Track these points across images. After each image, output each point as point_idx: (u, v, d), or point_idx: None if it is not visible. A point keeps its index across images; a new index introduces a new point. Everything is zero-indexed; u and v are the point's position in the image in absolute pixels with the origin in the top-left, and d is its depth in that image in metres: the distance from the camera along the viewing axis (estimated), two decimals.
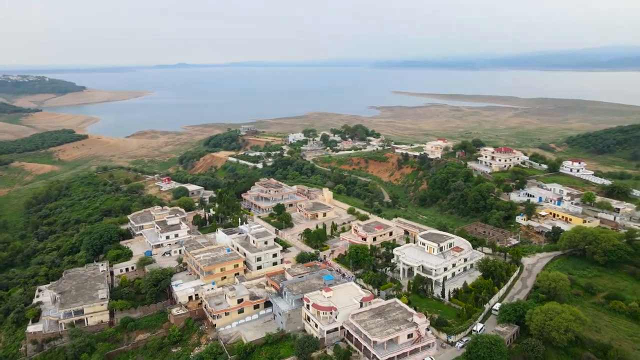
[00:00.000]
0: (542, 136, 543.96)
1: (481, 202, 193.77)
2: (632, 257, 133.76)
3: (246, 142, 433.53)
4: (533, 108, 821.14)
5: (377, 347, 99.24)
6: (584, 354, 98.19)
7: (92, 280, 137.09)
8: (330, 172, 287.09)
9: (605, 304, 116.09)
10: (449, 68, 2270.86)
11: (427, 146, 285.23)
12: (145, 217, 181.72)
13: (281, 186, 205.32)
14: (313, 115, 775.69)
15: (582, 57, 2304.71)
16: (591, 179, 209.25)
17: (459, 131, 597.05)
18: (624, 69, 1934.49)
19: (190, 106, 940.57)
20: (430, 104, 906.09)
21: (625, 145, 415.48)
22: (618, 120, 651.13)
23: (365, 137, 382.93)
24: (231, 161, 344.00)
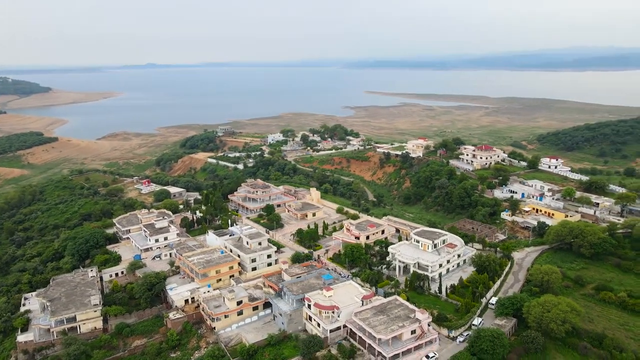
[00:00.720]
0: (513, 134, 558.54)
1: (466, 199, 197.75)
2: (616, 250, 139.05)
3: (224, 143, 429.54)
4: (502, 107, 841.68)
5: (382, 344, 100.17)
6: (580, 344, 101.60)
7: (82, 286, 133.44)
8: (313, 172, 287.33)
9: (595, 295, 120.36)
10: (420, 68, 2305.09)
11: (409, 145, 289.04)
12: (132, 220, 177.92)
13: (268, 187, 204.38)
14: (288, 116, 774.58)
15: (547, 58, 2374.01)
16: (569, 175, 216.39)
17: (433, 130, 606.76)
18: (587, 69, 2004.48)
19: (162, 107, 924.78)
20: (404, 104, 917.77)
21: (592, 142, 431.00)
22: (583, 118, 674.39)
23: (345, 136, 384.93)
24: (211, 162, 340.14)
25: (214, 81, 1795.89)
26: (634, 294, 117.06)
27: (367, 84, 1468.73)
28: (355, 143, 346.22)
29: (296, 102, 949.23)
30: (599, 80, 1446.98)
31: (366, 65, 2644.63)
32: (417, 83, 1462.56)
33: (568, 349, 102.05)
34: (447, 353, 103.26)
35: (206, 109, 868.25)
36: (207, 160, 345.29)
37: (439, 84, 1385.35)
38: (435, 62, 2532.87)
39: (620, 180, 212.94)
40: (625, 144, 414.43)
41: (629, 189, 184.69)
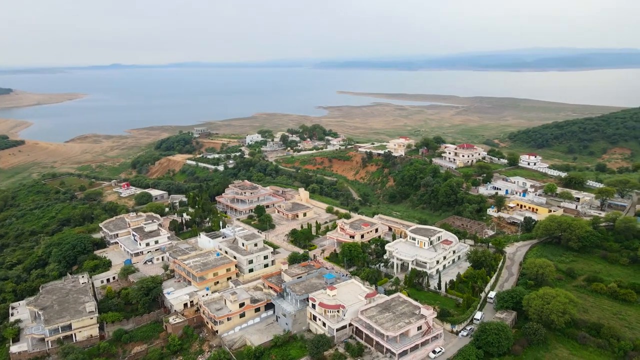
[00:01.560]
0: (484, 133, 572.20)
1: (452, 196, 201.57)
2: (602, 242, 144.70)
3: (200, 145, 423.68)
4: (472, 106, 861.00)
5: (390, 341, 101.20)
6: (579, 334, 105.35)
7: (74, 293, 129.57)
8: (295, 172, 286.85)
9: (586, 286, 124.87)
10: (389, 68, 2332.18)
11: (390, 144, 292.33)
12: (119, 224, 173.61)
13: (257, 188, 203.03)
14: (262, 116, 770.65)
15: (510, 58, 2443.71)
16: (548, 172, 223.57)
17: (408, 129, 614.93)
18: (547, 69, 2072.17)
19: (131, 108, 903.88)
20: (376, 103, 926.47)
21: (561, 140, 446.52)
22: (548, 116, 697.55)
23: (324, 136, 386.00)
24: (190, 164, 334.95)
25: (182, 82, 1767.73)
26: (623, 284, 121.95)
27: (338, 84, 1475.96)
28: (335, 143, 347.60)
29: (269, 103, 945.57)
30: (560, 80, 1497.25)
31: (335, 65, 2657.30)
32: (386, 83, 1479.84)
33: (568, 339, 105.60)
34: (453, 348, 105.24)
35: (176, 110, 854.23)
36: (186, 162, 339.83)
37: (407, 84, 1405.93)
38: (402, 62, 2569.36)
39: (596, 176, 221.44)
40: (591, 140, 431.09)
41: (606, 184, 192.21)
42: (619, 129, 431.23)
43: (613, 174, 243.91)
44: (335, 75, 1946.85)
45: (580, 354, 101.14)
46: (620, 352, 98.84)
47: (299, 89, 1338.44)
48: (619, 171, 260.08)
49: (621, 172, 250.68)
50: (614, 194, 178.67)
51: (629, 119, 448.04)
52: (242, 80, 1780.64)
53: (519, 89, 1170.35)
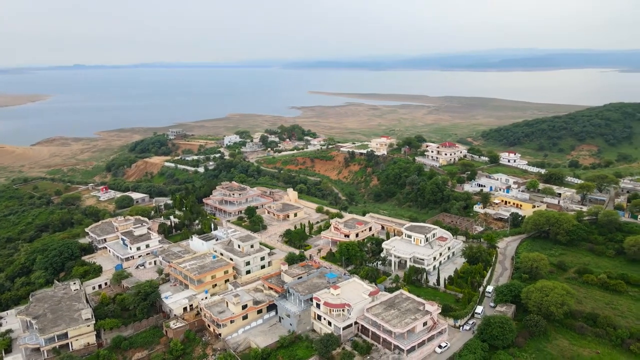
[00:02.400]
0: (457, 131, 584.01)
1: (438, 194, 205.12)
2: (588, 235, 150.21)
3: (177, 146, 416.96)
4: (443, 105, 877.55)
5: (398, 338, 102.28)
6: (577, 324, 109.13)
7: (67, 300, 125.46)
8: (278, 172, 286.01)
9: (577, 278, 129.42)
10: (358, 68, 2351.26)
11: (372, 143, 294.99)
12: (106, 229, 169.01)
13: (245, 189, 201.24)
14: (235, 117, 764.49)
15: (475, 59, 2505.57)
16: (528, 169, 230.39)
17: (382, 129, 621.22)
18: (511, 69, 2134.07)
19: (98, 110, 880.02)
20: (349, 103, 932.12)
21: (532, 138, 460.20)
22: (516, 115, 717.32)
23: (303, 137, 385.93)
24: (168, 166, 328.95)
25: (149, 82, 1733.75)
26: (612, 275, 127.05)
27: (309, 84, 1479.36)
28: (316, 143, 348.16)
29: (241, 104, 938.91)
30: (524, 80, 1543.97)
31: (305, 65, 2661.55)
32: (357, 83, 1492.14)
33: (566, 329, 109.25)
34: (458, 342, 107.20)
35: (146, 112, 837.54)
36: (164, 164, 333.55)
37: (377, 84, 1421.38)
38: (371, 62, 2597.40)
39: (572, 172, 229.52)
40: (560, 138, 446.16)
41: (584, 179, 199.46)
42: (585, 127, 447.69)
43: (587, 170, 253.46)
44: (305, 76, 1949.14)
45: (579, 343, 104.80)
46: (618, 340, 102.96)
47: (270, 89, 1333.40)
48: (592, 167, 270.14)
49: (594, 168, 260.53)
50: (594, 188, 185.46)
51: (594, 117, 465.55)
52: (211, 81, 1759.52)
53: (486, 88, 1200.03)
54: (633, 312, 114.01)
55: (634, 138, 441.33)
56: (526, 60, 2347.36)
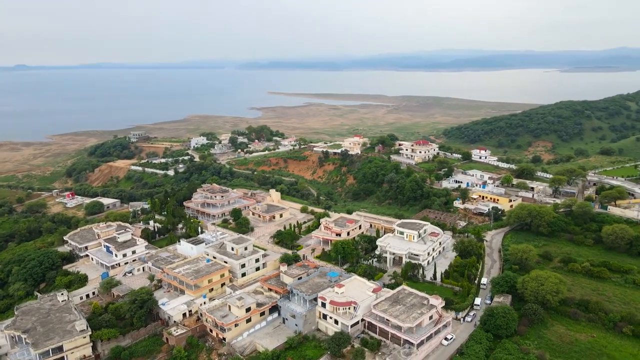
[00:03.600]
0: (419, 130, 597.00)
1: (418, 191, 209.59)
2: (566, 226, 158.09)
3: (140, 149, 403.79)
4: (401, 105, 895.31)
5: (407, 332, 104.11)
6: (571, 311, 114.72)
7: (56, 312, 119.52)
8: (252, 174, 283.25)
9: (563, 267, 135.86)
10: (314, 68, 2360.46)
11: (345, 143, 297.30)
12: (87, 236, 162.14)
13: (227, 191, 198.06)
14: (195, 118, 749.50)
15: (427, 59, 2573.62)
16: (499, 164, 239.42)
17: (346, 128, 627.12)
18: (461, 69, 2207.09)
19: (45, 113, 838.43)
20: (309, 103, 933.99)
21: (491, 135, 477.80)
22: (471, 113, 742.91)
23: (271, 137, 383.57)
24: (135, 170, 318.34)
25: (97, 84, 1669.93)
26: (595, 263, 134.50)
27: (267, 84, 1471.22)
28: (286, 143, 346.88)
29: (199, 105, 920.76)
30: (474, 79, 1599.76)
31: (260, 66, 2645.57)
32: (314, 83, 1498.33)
33: (561, 316, 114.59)
34: (462, 333, 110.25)
35: (100, 114, 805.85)
36: (131, 168, 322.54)
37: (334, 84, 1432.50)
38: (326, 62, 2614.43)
39: (541, 166, 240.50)
40: (517, 135, 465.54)
41: (554, 173, 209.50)
42: (540, 124, 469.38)
43: (550, 165, 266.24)
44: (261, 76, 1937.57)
45: (575, 328, 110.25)
46: (610, 323, 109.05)
47: (227, 90, 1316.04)
48: (554, 162, 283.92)
49: (557, 163, 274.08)
50: (565, 182, 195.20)
51: (547, 115, 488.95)
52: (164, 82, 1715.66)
53: (440, 88, 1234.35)
54: (618, 297, 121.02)
55: (584, 134, 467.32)
56: (474, 60, 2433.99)
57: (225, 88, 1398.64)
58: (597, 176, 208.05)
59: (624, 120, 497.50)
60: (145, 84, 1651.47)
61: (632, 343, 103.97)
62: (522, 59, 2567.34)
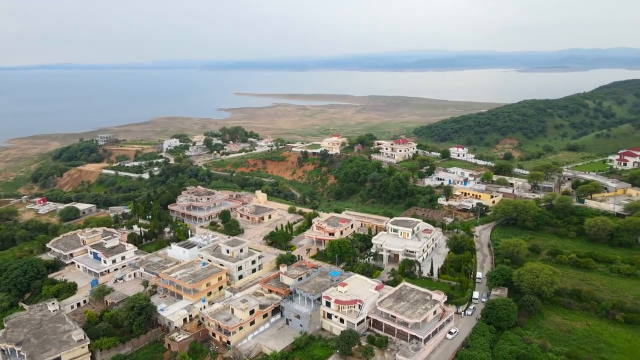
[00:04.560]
0: (389, 129, 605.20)
1: (402, 189, 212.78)
2: (550, 220, 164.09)
3: (109, 153, 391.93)
4: (369, 105, 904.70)
5: (414, 328, 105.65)
6: (565, 300, 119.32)
7: (49, 322, 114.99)
8: (230, 175, 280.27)
9: (551, 259, 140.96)
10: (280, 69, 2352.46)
11: (324, 143, 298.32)
12: (70, 243, 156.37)
13: (213, 193, 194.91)
14: (161, 120, 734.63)
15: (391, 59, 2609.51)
16: (478, 162, 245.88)
17: (316, 128, 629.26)
18: (425, 69, 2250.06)
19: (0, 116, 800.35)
20: (277, 104, 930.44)
21: (460, 133, 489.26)
22: (438, 112, 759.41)
23: (247, 138, 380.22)
24: (108, 174, 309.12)
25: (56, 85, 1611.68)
26: (581, 254, 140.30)
27: (233, 85, 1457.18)
28: (263, 144, 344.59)
29: (164, 106, 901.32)
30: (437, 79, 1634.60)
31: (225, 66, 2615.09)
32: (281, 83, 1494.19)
33: (556, 306, 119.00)
34: (464, 327, 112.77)
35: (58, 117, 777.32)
36: (102, 172, 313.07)
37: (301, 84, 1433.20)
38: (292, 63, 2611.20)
39: (517, 163, 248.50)
40: (485, 133, 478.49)
41: (532, 169, 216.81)
42: (506, 122, 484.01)
43: (523, 161, 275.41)
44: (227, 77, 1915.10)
45: (570, 317, 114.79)
46: (603, 311, 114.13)
47: (193, 91, 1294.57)
48: (526, 158, 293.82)
49: (529, 159, 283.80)
50: (543, 177, 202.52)
51: (513, 113, 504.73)
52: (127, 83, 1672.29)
53: (406, 87, 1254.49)
54: (606, 285, 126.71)
55: (548, 131, 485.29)
56: (437, 61, 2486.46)
57: (191, 89, 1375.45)
58: (572, 171, 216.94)
59: (583, 117, 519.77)
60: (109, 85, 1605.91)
61: (626, 329, 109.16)
62: (482, 59, 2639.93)
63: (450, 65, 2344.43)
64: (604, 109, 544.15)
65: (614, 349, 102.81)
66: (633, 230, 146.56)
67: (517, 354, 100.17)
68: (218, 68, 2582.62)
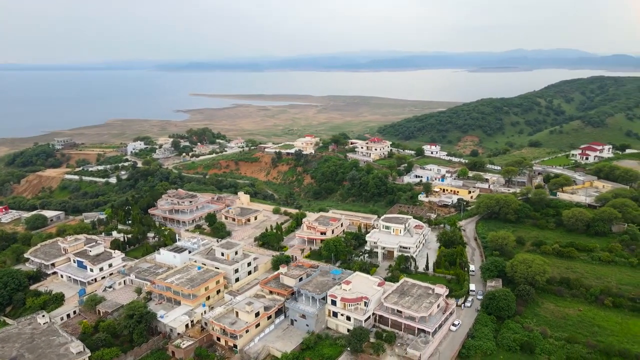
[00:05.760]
0: (351, 128, 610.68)
1: (382, 187, 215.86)
2: (530, 213, 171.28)
3: (68, 157, 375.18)
4: (329, 104, 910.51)
5: (421, 322, 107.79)
6: (555, 288, 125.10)
7: (41, 336, 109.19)
8: (203, 177, 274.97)
9: (536, 250, 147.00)
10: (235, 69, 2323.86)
11: (298, 143, 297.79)
12: (50, 252, 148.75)
13: (195, 196, 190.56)
14: (117, 122, 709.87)
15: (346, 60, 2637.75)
16: (451, 159, 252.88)
17: (280, 129, 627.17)
18: (379, 69, 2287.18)
19: None
20: (237, 105, 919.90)
21: (423, 131, 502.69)
22: (397, 112, 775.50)
23: (215, 140, 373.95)
24: (71, 179, 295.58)
25: None
26: (563, 244, 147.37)
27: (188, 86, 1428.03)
28: (234, 145, 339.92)
29: (118, 108, 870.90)
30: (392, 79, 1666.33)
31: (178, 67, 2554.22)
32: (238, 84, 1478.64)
33: (548, 294, 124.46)
34: (465, 318, 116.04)
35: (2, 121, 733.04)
36: (65, 177, 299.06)
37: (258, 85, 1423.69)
38: (246, 63, 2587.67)
39: (489, 159, 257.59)
40: (447, 131, 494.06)
41: (505, 165, 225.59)
42: (467, 121, 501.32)
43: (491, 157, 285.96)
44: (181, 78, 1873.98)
45: (562, 304, 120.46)
46: (592, 297, 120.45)
47: (147, 92, 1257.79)
48: (494, 154, 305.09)
49: (496, 155, 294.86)
50: (517, 172, 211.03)
51: (472, 111, 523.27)
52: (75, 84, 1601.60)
53: (363, 87, 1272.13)
54: (590, 273, 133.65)
55: (505, 128, 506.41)
56: (390, 61, 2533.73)
57: (145, 90, 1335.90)
58: (541, 166, 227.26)
59: (537, 115, 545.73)
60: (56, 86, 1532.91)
61: (615, 313, 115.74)
62: (434, 59, 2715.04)
63: (403, 66, 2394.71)
64: (555, 107, 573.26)
65: (607, 332, 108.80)
66: (607, 220, 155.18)
67: (520, 342, 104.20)
68: (171, 69, 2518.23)
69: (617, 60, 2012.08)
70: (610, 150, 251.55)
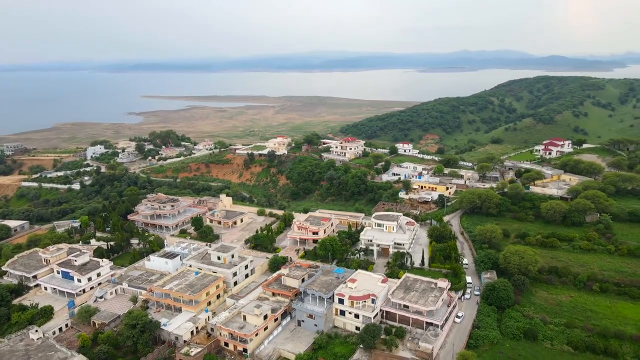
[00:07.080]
0: (312, 128, 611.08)
1: (362, 185, 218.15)
2: (510, 206, 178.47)
3: (20, 163, 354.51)
4: (286, 105, 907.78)
5: (429, 316, 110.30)
6: (546, 277, 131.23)
7: (37, 352, 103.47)
8: (174, 181, 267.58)
9: (520, 241, 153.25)
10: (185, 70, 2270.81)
11: (270, 144, 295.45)
12: (30, 263, 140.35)
13: (177, 200, 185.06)
14: (66, 127, 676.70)
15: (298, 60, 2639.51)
16: (424, 157, 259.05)
17: (240, 130, 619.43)
18: (332, 70, 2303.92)
19: None
20: (192, 107, 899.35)
21: (386, 131, 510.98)
22: (354, 111, 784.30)
23: (180, 142, 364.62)
24: (29, 186, 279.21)
25: None
26: (545, 235, 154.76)
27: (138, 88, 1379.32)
28: (202, 147, 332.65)
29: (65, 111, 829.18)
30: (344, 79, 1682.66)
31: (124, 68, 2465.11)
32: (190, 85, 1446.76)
33: (539, 283, 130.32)
34: (466, 310, 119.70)
35: None
36: (22, 185, 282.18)
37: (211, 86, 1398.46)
38: (198, 64, 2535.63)
39: (460, 156, 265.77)
40: (409, 130, 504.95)
41: (478, 161, 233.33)
42: (427, 119, 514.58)
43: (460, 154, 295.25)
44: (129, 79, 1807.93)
45: (554, 292, 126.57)
46: (580, 284, 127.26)
47: (94, 94, 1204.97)
48: (461, 151, 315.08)
49: (463, 152, 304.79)
50: (491, 168, 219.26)
51: (431, 110, 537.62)
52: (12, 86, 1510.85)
53: (317, 88, 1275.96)
54: (573, 261, 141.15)
55: (463, 126, 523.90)
56: (342, 61, 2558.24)
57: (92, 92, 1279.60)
58: (511, 162, 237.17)
59: (491, 113, 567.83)
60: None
61: (603, 298, 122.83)
62: (384, 60, 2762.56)
63: (354, 66, 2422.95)
64: (507, 105, 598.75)
65: (600, 316, 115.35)
66: (582, 211, 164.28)
67: (523, 330, 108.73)
68: (117, 70, 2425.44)
69: (554, 60, 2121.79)
70: (570, 145, 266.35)
